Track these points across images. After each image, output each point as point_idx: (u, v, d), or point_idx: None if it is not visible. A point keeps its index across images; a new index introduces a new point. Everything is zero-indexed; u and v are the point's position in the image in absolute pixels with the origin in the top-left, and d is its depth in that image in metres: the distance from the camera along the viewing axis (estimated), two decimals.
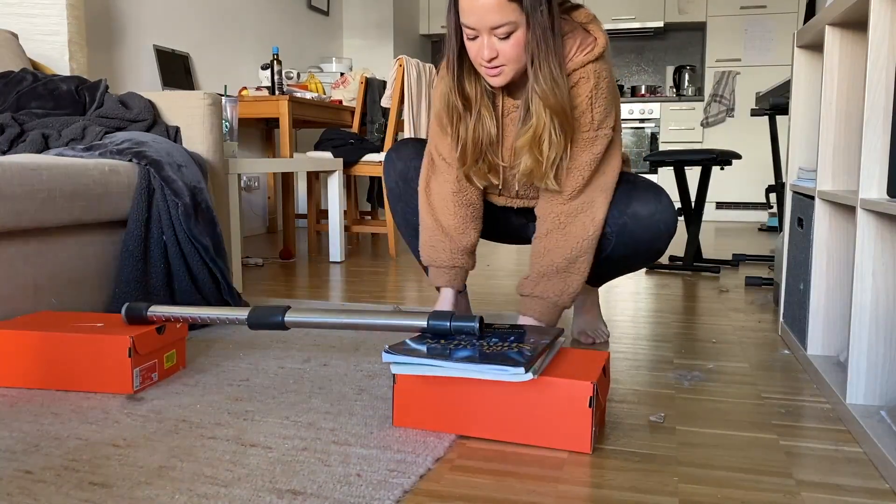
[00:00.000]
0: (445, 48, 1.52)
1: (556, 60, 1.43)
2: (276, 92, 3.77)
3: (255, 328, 1.42)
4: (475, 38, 1.43)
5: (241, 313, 1.44)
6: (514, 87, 1.56)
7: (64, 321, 1.51)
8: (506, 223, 1.84)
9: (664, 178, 5.85)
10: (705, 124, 5.74)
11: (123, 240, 1.88)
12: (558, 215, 1.55)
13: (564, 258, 1.54)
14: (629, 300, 2.43)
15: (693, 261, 3.08)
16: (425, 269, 1.74)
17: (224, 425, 1.24)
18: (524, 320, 1.59)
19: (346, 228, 3.68)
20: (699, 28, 6.06)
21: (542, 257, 1.56)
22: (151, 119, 2.23)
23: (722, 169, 5.63)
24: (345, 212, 4.06)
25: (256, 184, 4.69)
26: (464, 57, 1.51)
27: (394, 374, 1.22)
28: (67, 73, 2.58)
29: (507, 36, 1.40)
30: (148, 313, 1.48)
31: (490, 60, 1.44)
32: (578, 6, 1.55)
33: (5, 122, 2.05)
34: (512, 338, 1.29)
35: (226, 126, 2.72)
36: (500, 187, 1.67)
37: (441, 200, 1.67)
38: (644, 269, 3.13)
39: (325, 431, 1.22)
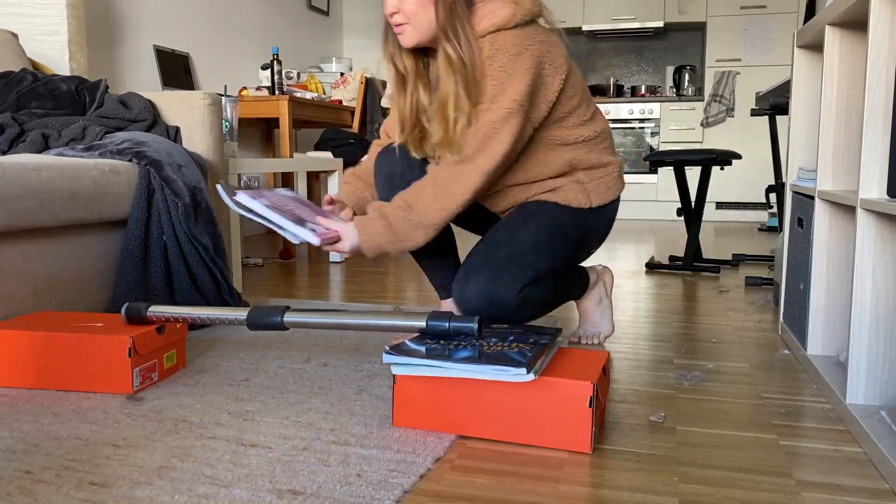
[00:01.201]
0: (385, 21, 1.55)
1: (462, 20, 1.42)
2: (276, 92, 3.76)
3: (254, 328, 1.42)
4: None
5: (241, 313, 1.44)
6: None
7: (64, 321, 1.51)
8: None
9: (664, 178, 5.85)
10: (705, 124, 5.74)
11: (123, 240, 1.88)
12: (436, 172, 1.46)
13: (427, 215, 1.44)
14: (629, 300, 2.43)
15: (693, 261, 3.08)
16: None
17: (224, 425, 1.24)
18: (345, 230, 1.48)
19: None
20: (699, 28, 6.06)
21: (408, 195, 1.47)
22: (151, 119, 2.23)
23: (722, 169, 5.63)
24: None
25: (256, 184, 4.69)
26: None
27: (394, 375, 1.22)
28: (67, 73, 2.58)
29: None
30: (148, 313, 1.48)
31: (392, 15, 1.46)
32: None
33: (5, 122, 2.05)
34: (511, 337, 1.29)
35: (226, 126, 2.72)
36: (437, 160, 1.63)
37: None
38: (644, 270, 3.13)
39: (325, 431, 1.22)
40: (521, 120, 1.42)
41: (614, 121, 5.95)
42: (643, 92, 6.08)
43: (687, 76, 6.05)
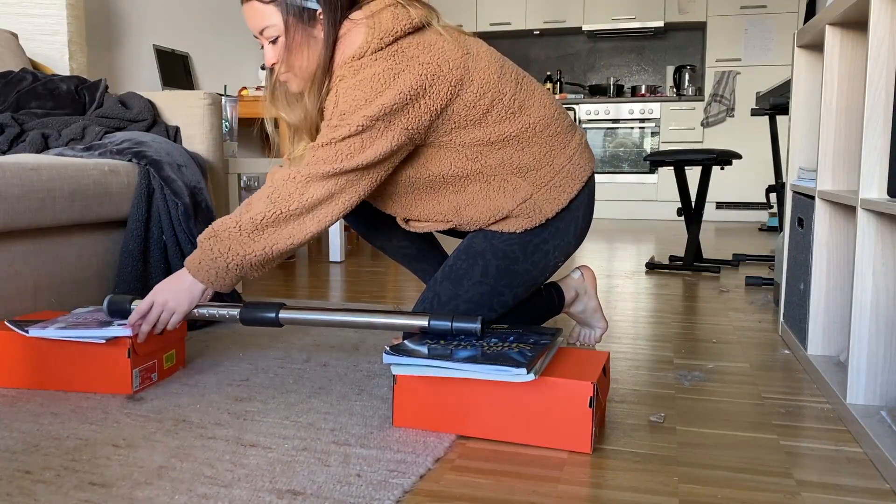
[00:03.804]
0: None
1: (303, 72, 1.37)
2: None
3: (247, 324, 1.40)
4: (262, 46, 1.41)
5: (233, 309, 1.40)
6: None
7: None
8: (388, 233, 1.70)
9: (664, 178, 5.85)
10: (705, 124, 5.74)
11: (123, 240, 1.88)
12: (278, 177, 1.33)
13: (251, 221, 1.31)
14: (629, 300, 2.43)
15: (693, 261, 3.08)
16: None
17: (224, 425, 1.24)
18: (181, 280, 1.37)
19: (346, 228, 3.68)
20: (699, 28, 6.06)
21: (241, 213, 1.35)
22: (151, 119, 2.23)
23: (722, 169, 5.63)
24: None
25: (256, 184, 4.69)
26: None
27: (394, 375, 1.22)
28: (67, 73, 2.58)
29: (276, 40, 1.37)
30: (132, 306, 1.44)
31: (273, 66, 1.39)
32: None
33: (5, 122, 2.05)
34: (511, 338, 1.29)
35: (226, 126, 2.73)
36: None
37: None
38: (644, 270, 3.13)
39: (324, 431, 1.22)
40: (379, 134, 1.28)
41: (614, 121, 5.95)
42: (643, 92, 6.08)
43: (687, 76, 6.05)
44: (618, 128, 5.95)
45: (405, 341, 1.28)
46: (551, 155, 1.42)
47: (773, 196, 5.37)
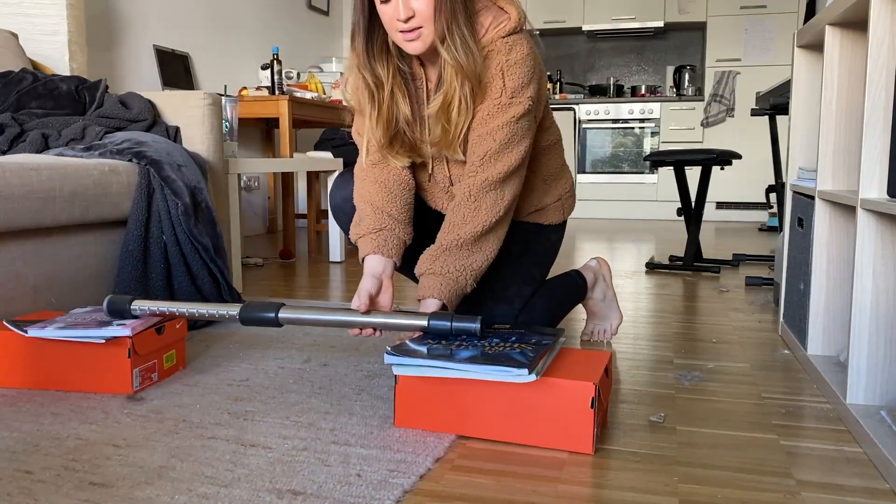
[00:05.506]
0: (354, 26, 1.41)
1: (467, 24, 1.36)
2: (276, 92, 3.76)
3: (247, 324, 1.39)
4: (388, 0, 1.35)
5: (232, 309, 1.39)
6: (432, 68, 1.47)
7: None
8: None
9: (664, 178, 5.85)
10: (705, 124, 5.74)
11: (123, 240, 1.88)
12: (469, 186, 1.42)
13: (471, 234, 1.41)
14: (629, 300, 2.43)
15: (693, 261, 3.08)
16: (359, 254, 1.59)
17: (224, 425, 1.24)
18: (426, 305, 1.39)
19: None
20: (699, 28, 6.06)
21: (448, 233, 1.43)
22: (151, 119, 2.23)
23: (722, 169, 5.62)
24: None
25: (256, 184, 4.69)
26: (373, 34, 1.41)
27: (395, 375, 1.22)
28: (67, 73, 2.58)
29: None
30: (132, 307, 1.44)
31: (407, 20, 1.35)
32: None
33: (5, 122, 2.05)
34: (513, 338, 1.29)
35: (226, 126, 2.72)
36: (430, 174, 1.56)
37: (362, 174, 1.55)
38: (644, 270, 3.13)
39: (325, 431, 1.22)
40: (532, 118, 1.44)
41: (614, 121, 5.95)
42: (643, 92, 6.08)
43: (687, 76, 6.05)
44: (618, 128, 5.95)
45: (407, 341, 1.28)
46: (566, 170, 1.68)
47: (773, 196, 5.37)
